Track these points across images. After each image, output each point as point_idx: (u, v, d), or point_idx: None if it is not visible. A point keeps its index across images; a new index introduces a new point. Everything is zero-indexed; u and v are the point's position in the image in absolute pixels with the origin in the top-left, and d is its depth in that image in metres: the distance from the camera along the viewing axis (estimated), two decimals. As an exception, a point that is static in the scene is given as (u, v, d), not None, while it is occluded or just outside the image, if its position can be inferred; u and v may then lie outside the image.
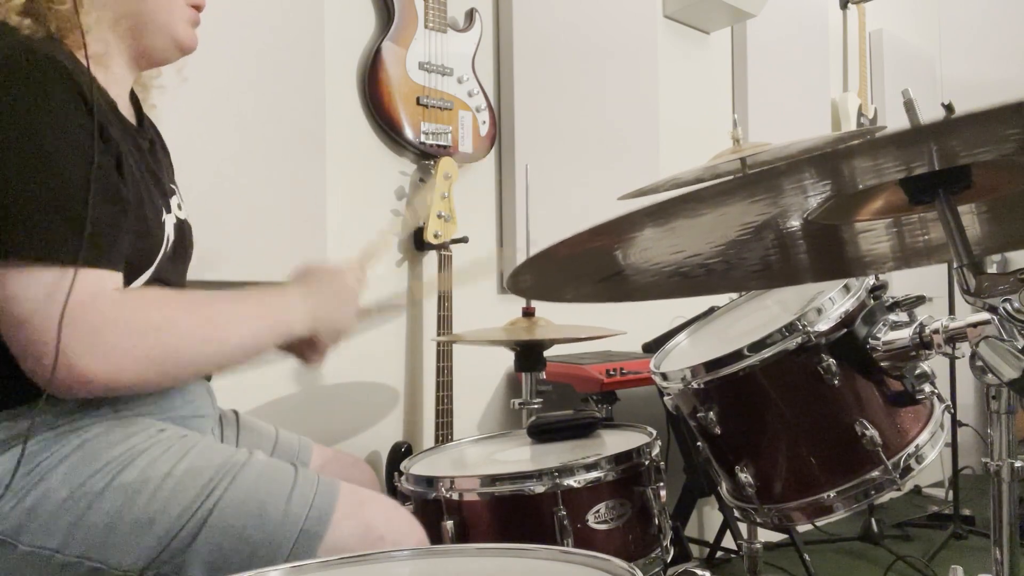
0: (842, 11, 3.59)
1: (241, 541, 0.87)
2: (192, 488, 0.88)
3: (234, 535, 0.87)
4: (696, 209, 0.71)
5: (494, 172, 2.25)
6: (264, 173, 1.73)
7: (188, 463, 0.91)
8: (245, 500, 0.89)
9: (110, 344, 0.83)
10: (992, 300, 0.74)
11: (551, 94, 2.33)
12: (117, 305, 0.85)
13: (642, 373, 2.00)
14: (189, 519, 0.87)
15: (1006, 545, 0.96)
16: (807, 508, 1.21)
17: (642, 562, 1.18)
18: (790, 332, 1.17)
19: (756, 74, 3.03)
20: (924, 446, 1.19)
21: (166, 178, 1.09)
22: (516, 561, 0.73)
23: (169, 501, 0.87)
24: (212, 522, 0.87)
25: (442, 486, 1.15)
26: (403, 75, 1.96)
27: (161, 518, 0.86)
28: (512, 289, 1.00)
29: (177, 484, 0.88)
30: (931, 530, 2.96)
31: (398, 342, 2.02)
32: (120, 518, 0.86)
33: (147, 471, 0.88)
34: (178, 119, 1.37)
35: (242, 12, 1.69)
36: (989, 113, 0.50)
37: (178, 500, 0.87)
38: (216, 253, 1.57)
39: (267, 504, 0.89)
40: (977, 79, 4.00)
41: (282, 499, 0.90)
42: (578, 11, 2.42)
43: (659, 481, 1.22)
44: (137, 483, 0.87)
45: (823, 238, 0.92)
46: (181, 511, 0.87)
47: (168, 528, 0.86)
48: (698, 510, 2.65)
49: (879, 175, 0.70)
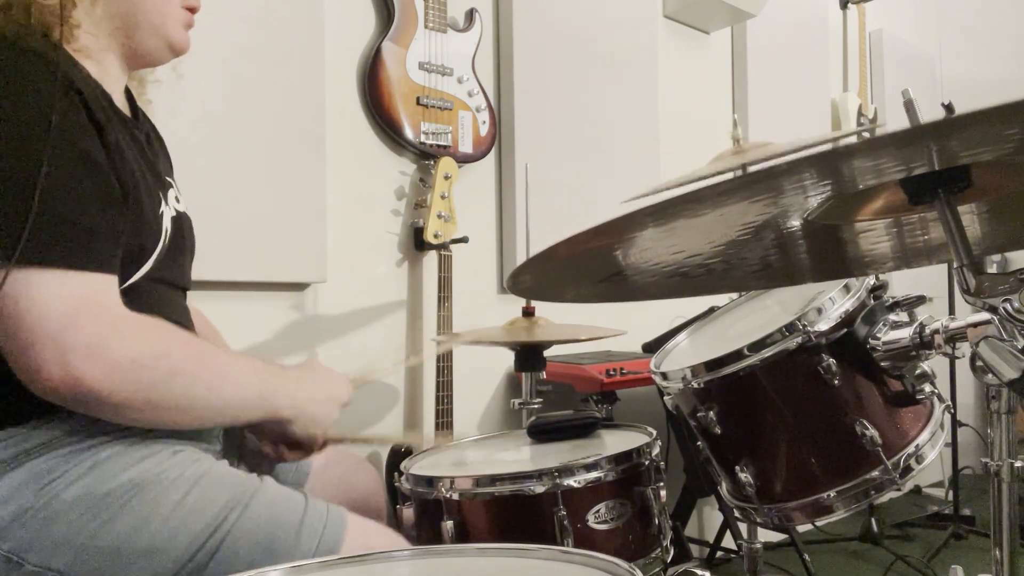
0: (842, 11, 3.59)
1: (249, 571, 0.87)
2: (203, 518, 0.88)
3: (243, 566, 0.86)
4: (696, 209, 0.71)
5: (494, 172, 2.25)
6: (264, 173, 1.73)
7: (200, 491, 0.90)
8: (255, 531, 0.89)
9: (109, 353, 0.82)
10: (992, 300, 0.74)
11: (551, 94, 2.33)
12: (121, 319, 0.86)
13: (642, 373, 2.00)
14: (199, 549, 0.87)
15: (1006, 545, 0.96)
16: (807, 508, 1.21)
17: (642, 562, 1.18)
18: (790, 332, 1.17)
19: (756, 74, 3.03)
20: (924, 446, 1.19)
21: (163, 171, 1.08)
22: (516, 561, 0.73)
23: (179, 530, 0.87)
24: (222, 552, 0.87)
25: (442, 486, 1.15)
26: (403, 75, 1.96)
27: (170, 546, 0.86)
28: (512, 289, 1.00)
29: (188, 513, 0.88)
30: (931, 530, 2.96)
31: (398, 342, 2.02)
32: (129, 544, 0.86)
33: (159, 498, 0.88)
34: (178, 119, 1.37)
35: (242, 12, 1.69)
36: (989, 113, 0.50)
37: (188, 529, 0.87)
38: (216, 253, 1.57)
39: (276, 536, 0.90)
40: (977, 79, 4.00)
41: (292, 531, 0.91)
42: (578, 11, 2.42)
43: (659, 481, 1.22)
44: (148, 510, 0.87)
45: (823, 238, 0.92)
46: (191, 540, 0.87)
47: (178, 557, 0.86)
48: (698, 510, 2.65)
49: (879, 175, 0.70)
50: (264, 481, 0.96)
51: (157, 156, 1.09)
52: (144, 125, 1.10)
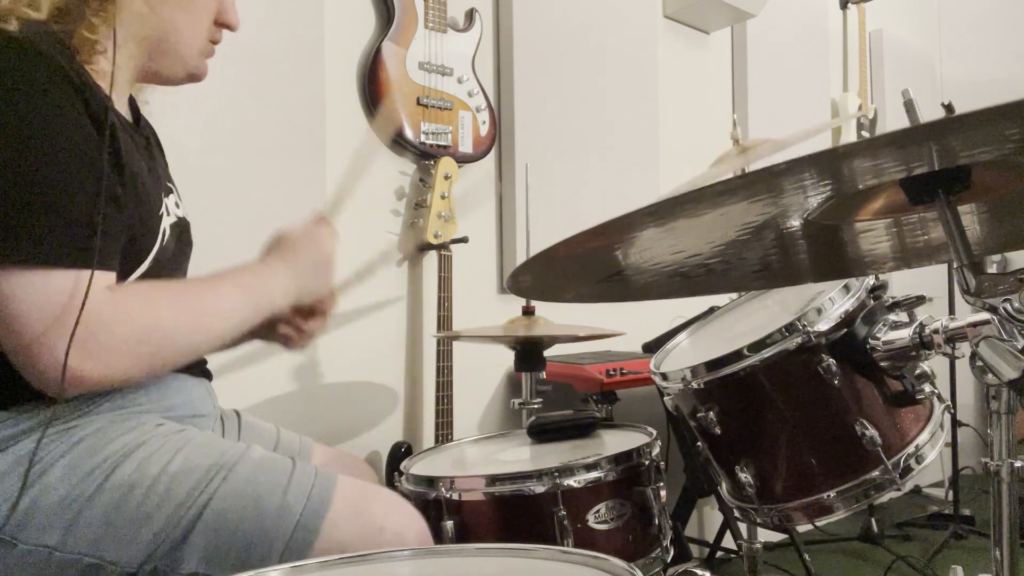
0: (842, 11, 3.59)
1: (237, 534, 0.87)
2: (188, 482, 0.88)
3: (230, 528, 0.87)
4: (696, 209, 0.71)
5: (494, 172, 2.25)
6: (264, 173, 1.73)
7: (184, 457, 0.91)
8: (241, 493, 0.89)
9: (101, 344, 0.83)
10: (992, 300, 0.74)
11: (551, 94, 2.33)
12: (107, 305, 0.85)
13: (642, 373, 2.00)
14: (184, 513, 0.87)
15: (1006, 545, 0.96)
16: (807, 508, 1.21)
17: (642, 562, 1.18)
18: (790, 332, 1.17)
19: (756, 74, 3.03)
20: (924, 446, 1.19)
21: (163, 176, 1.09)
22: (516, 561, 0.73)
23: (165, 496, 0.87)
24: (207, 516, 0.87)
25: (442, 486, 1.15)
26: (403, 75, 1.96)
27: (157, 513, 0.87)
28: (512, 289, 1.00)
29: (173, 479, 0.88)
30: (931, 530, 2.96)
31: (398, 342, 2.02)
32: (117, 514, 0.86)
33: (143, 466, 0.89)
34: (178, 119, 1.37)
35: (242, 12, 1.69)
36: (989, 113, 0.50)
37: (174, 495, 0.87)
38: (216, 253, 1.56)
39: (263, 497, 0.89)
40: (977, 79, 4.00)
41: (278, 491, 0.90)
42: (578, 11, 2.42)
43: (659, 481, 1.22)
44: (133, 478, 0.88)
45: (823, 238, 0.92)
46: (177, 505, 0.87)
47: (164, 523, 0.86)
48: (698, 510, 2.65)
49: (879, 175, 0.70)
50: (250, 447, 0.96)
51: (156, 161, 1.10)
52: (145, 130, 1.11)
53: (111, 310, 0.85)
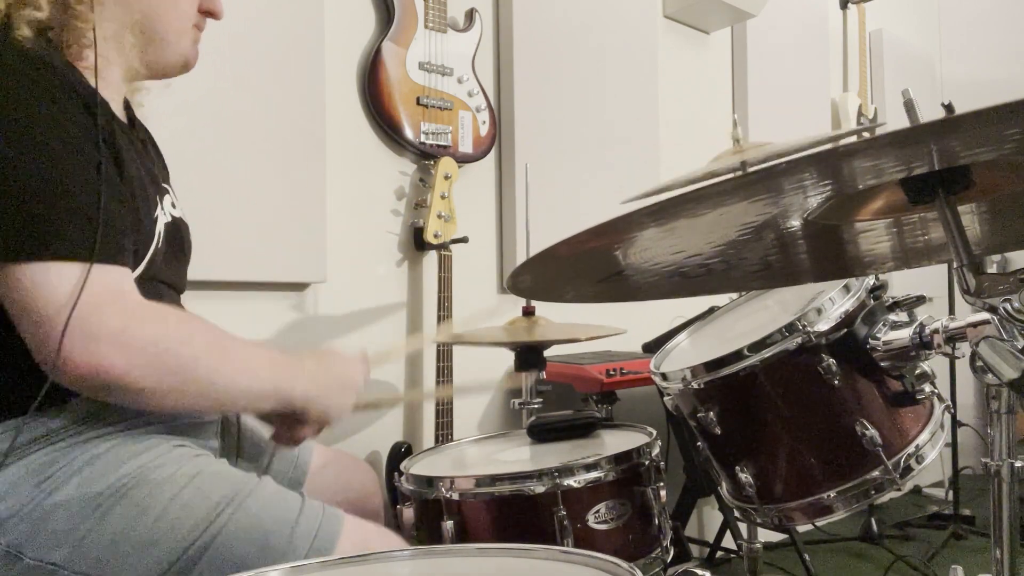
0: (842, 11, 3.59)
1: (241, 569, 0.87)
2: (198, 513, 0.89)
3: (235, 563, 0.87)
4: (696, 209, 0.71)
5: (494, 172, 2.25)
6: (264, 173, 1.73)
7: (196, 486, 0.91)
8: (249, 528, 0.89)
9: (135, 339, 0.84)
10: (992, 300, 0.74)
11: (551, 94, 2.33)
12: (142, 307, 0.88)
13: (642, 373, 2.00)
14: (193, 543, 0.87)
15: (1006, 545, 0.96)
16: (807, 508, 1.21)
17: (642, 562, 1.18)
18: (790, 332, 1.17)
19: (756, 74, 3.03)
20: (924, 446, 1.19)
21: (160, 177, 1.10)
22: (516, 561, 0.73)
23: (175, 524, 0.87)
24: (215, 548, 0.87)
25: (442, 486, 1.15)
26: (403, 75, 1.96)
27: (165, 540, 0.87)
28: (512, 289, 1.00)
29: (184, 508, 0.88)
30: (931, 530, 2.96)
31: (398, 342, 2.02)
32: (125, 537, 0.86)
33: (155, 492, 0.89)
34: (178, 119, 1.38)
35: (242, 12, 1.69)
36: (989, 113, 0.50)
37: (184, 523, 0.88)
38: (216, 253, 1.57)
39: (271, 534, 0.90)
40: (977, 79, 4.00)
41: (286, 530, 0.91)
42: (578, 11, 2.42)
43: (659, 481, 1.22)
44: (145, 503, 0.88)
45: (823, 238, 0.92)
46: (185, 534, 0.87)
47: (171, 550, 0.86)
48: (698, 510, 2.65)
49: (879, 175, 0.70)
50: (262, 480, 0.96)
51: (153, 162, 1.11)
52: (140, 132, 1.12)
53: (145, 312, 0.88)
